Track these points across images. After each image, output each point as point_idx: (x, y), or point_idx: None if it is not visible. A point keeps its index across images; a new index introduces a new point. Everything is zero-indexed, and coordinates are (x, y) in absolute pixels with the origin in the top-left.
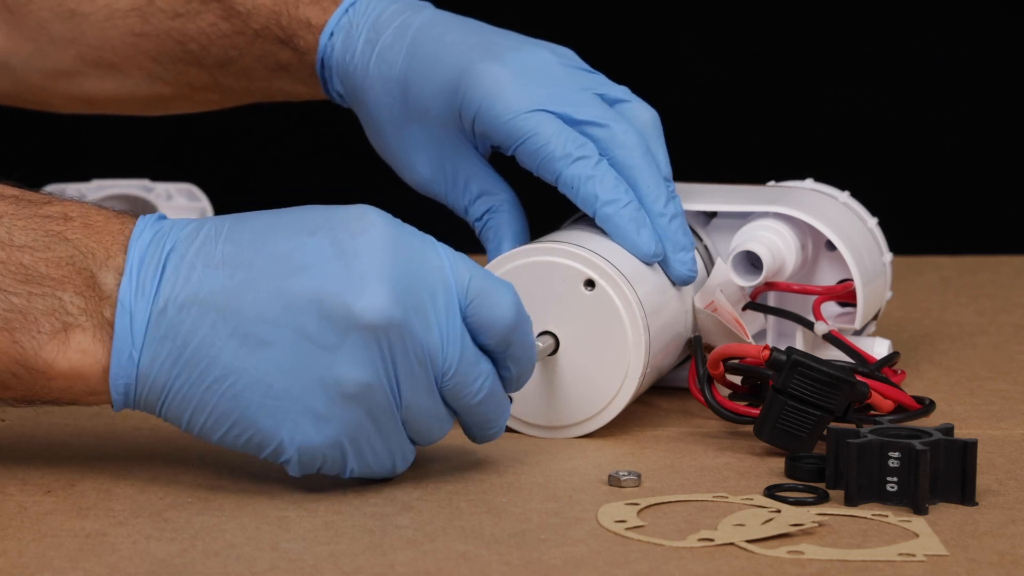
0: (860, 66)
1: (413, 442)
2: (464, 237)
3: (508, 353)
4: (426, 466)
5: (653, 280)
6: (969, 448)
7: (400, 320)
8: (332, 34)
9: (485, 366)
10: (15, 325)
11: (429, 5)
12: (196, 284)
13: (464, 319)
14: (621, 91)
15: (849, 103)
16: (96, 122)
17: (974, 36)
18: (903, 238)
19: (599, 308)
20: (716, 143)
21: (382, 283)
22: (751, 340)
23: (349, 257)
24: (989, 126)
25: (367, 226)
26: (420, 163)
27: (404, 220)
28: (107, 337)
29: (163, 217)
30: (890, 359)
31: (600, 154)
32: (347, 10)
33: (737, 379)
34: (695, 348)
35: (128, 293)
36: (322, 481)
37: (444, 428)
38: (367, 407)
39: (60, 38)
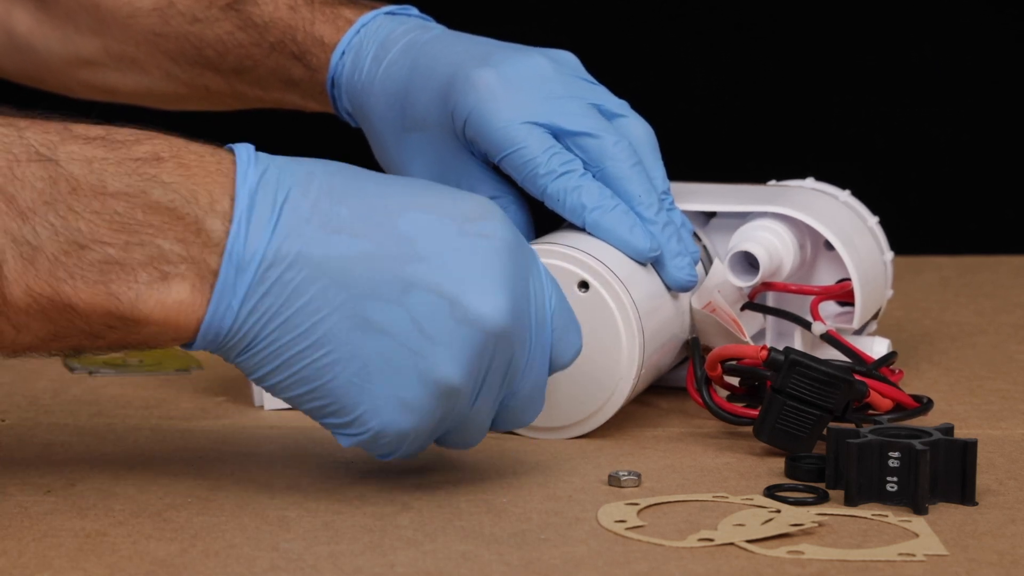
0: (861, 66)
1: (444, 443)
2: None
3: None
4: (426, 466)
5: (649, 281)
6: (969, 448)
7: (511, 331)
8: (343, 53)
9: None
10: (112, 277)
11: (439, 25)
12: (311, 244)
13: None
14: (619, 105)
15: (849, 103)
16: (113, 109)
17: (974, 36)
18: (903, 238)
19: (593, 310)
20: (718, 142)
21: (504, 290)
22: (749, 340)
23: (473, 254)
24: (989, 126)
25: (493, 224)
26: (421, 171)
27: None
28: (207, 287)
29: (253, 149)
30: (888, 359)
31: (588, 167)
32: (359, 30)
33: (734, 380)
34: (693, 350)
35: (238, 242)
36: (322, 481)
37: (534, 414)
38: (451, 407)
39: (86, 28)
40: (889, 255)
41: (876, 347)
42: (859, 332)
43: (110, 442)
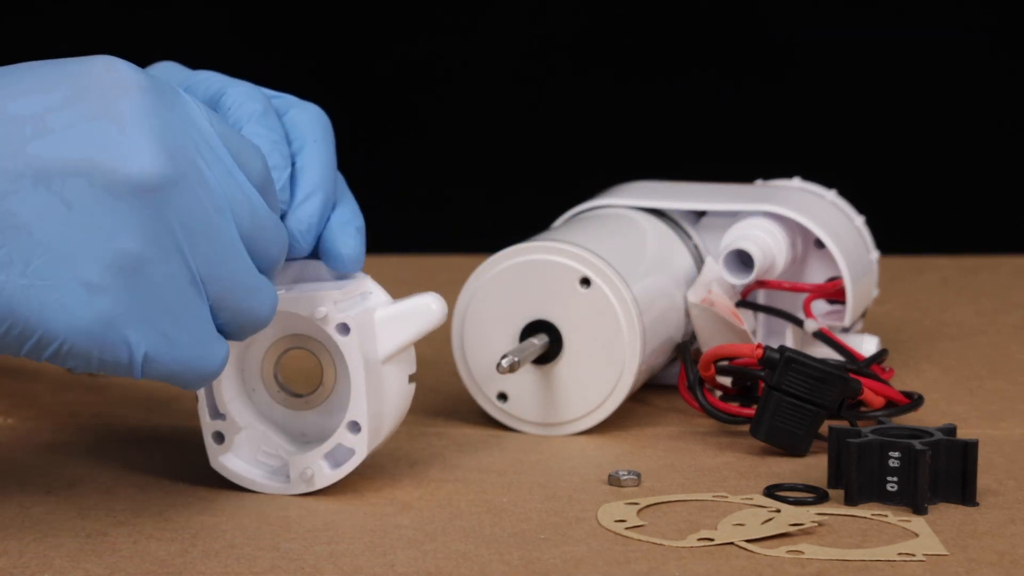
0: (862, 66)
1: (228, 333)
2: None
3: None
4: (426, 466)
5: (648, 278)
6: (970, 448)
7: (177, 178)
8: None
9: (270, 213)
10: None
11: None
12: None
13: None
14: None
15: (850, 103)
16: None
17: (975, 36)
18: (903, 238)
19: (595, 306)
20: (712, 141)
21: (144, 137)
22: (748, 330)
23: (106, 114)
24: (989, 126)
25: (114, 75)
26: None
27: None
28: None
29: None
30: (879, 356)
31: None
32: None
33: (726, 381)
34: (683, 353)
35: None
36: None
37: (265, 303)
38: (148, 281)
39: None
40: (875, 254)
41: (866, 345)
42: (847, 330)
43: (110, 442)
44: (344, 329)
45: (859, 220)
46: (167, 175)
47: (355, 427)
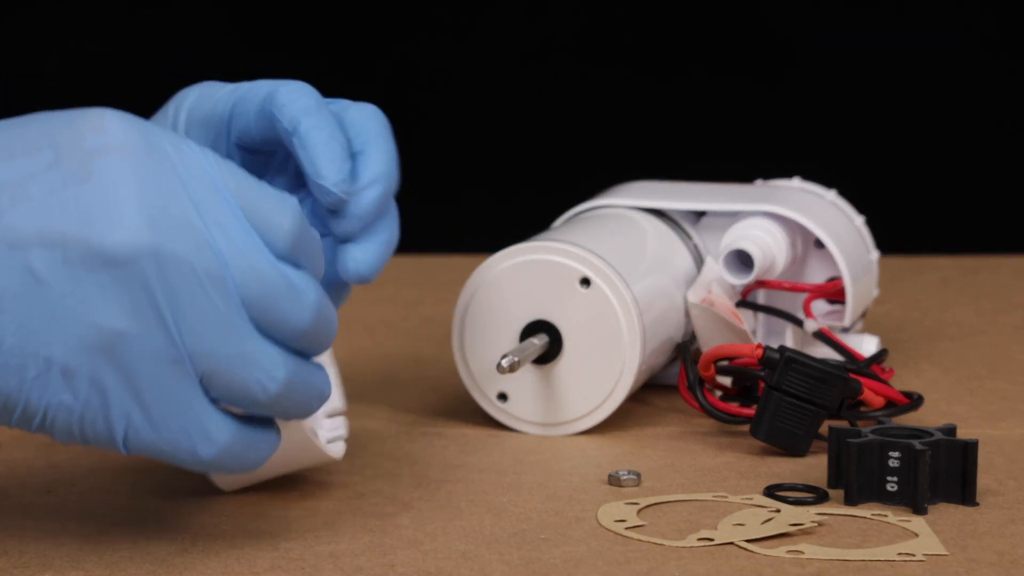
0: (862, 66)
1: (223, 404)
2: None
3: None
4: (426, 466)
5: (648, 278)
6: (970, 448)
7: (159, 245)
8: None
9: (296, 278)
10: None
11: None
12: None
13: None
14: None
15: (850, 103)
16: None
17: (975, 36)
18: (903, 238)
19: (595, 306)
20: (712, 141)
21: (127, 205)
22: (748, 330)
23: (87, 180)
24: (989, 126)
25: (104, 138)
26: None
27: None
28: None
29: None
30: (879, 356)
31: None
32: None
33: (726, 381)
34: (683, 353)
35: None
36: (323, 481)
37: (268, 376)
38: (124, 359)
39: None
40: (875, 254)
41: (865, 345)
42: (847, 330)
43: None
44: None
45: (859, 220)
46: (147, 245)
47: None
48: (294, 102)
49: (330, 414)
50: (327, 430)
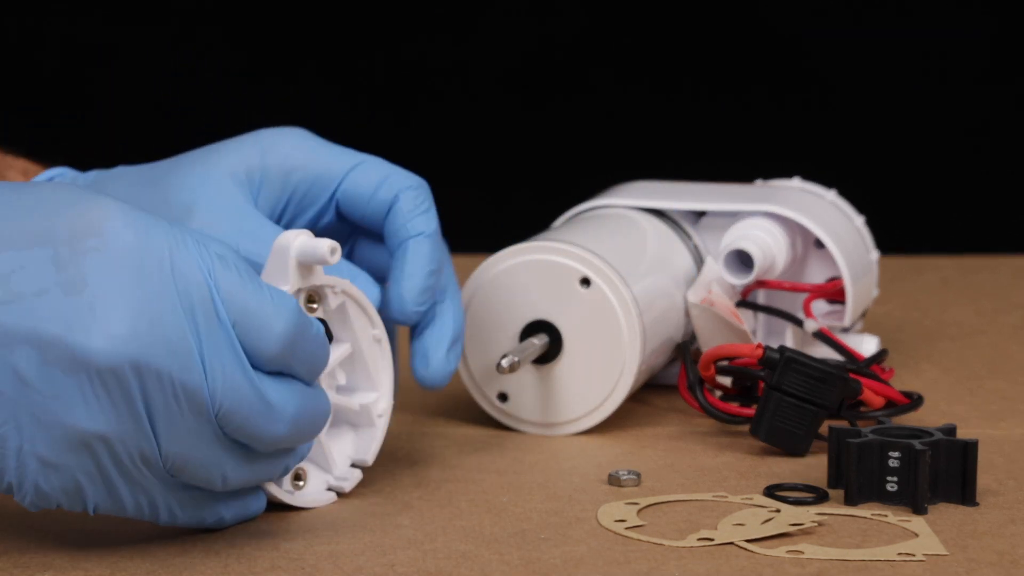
0: (862, 66)
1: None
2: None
3: (291, 370)
4: (426, 466)
5: (648, 278)
6: (970, 448)
7: (141, 358)
8: None
9: (275, 394)
10: None
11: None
12: None
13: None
14: None
15: (850, 103)
16: None
17: (975, 36)
18: (903, 238)
19: (595, 306)
20: (712, 141)
21: (115, 313)
22: (748, 330)
23: (73, 282)
24: (990, 126)
25: (97, 238)
26: None
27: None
28: None
29: None
30: (879, 356)
31: None
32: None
33: (726, 381)
34: (683, 353)
35: None
36: None
37: (225, 476)
38: (104, 458)
39: None
40: (875, 254)
41: (865, 345)
42: (847, 330)
43: None
44: None
45: (859, 220)
46: (128, 356)
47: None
48: (413, 211)
49: (356, 463)
50: (336, 477)
